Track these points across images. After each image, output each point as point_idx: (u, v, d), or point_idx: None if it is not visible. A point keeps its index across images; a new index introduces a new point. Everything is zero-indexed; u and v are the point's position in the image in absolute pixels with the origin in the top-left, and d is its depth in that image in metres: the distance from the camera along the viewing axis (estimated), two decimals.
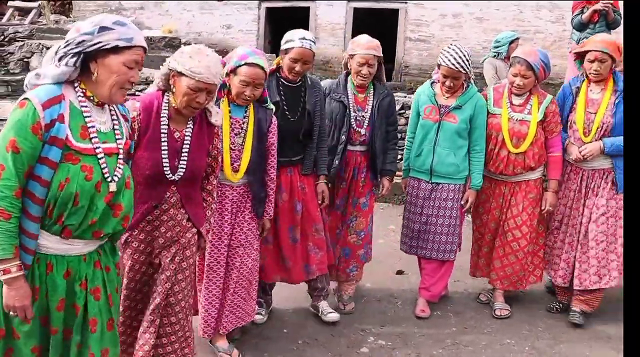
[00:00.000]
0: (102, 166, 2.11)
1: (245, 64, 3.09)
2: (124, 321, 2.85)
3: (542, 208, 4.11)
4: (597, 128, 3.91)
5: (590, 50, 3.91)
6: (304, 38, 3.51)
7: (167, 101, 2.73)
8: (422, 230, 4.16)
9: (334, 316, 3.94)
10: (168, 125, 2.72)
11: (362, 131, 3.97)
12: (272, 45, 11.67)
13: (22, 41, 9.14)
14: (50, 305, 2.15)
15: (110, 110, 2.23)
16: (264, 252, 3.64)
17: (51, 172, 2.02)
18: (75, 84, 2.11)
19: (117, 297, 2.38)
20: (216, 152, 2.91)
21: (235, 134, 3.21)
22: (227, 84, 3.18)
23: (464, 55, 3.88)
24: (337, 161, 3.94)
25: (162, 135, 2.69)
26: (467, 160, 4.10)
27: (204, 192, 2.95)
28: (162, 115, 2.71)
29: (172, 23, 11.49)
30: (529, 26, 10.46)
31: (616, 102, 3.90)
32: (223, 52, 11.44)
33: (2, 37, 9.86)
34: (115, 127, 2.22)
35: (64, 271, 2.15)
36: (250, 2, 11.60)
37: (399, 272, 4.91)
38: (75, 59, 2.04)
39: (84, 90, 2.12)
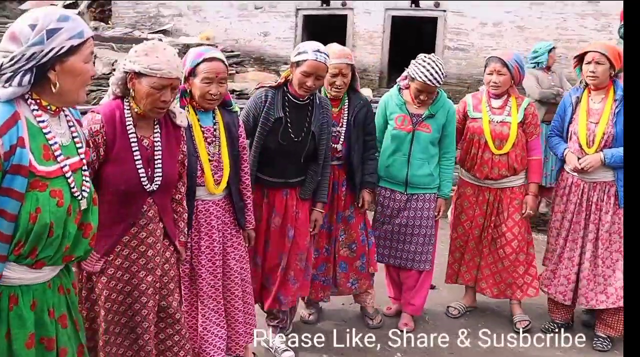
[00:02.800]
0: (72, 186, 1.88)
1: (204, 60, 2.84)
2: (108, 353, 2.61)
3: (522, 212, 4.05)
4: (600, 139, 3.78)
5: (588, 52, 3.80)
6: (318, 51, 3.24)
7: (128, 107, 2.48)
8: (399, 240, 4.04)
9: (288, 355, 3.62)
10: (135, 133, 2.49)
11: (339, 147, 3.73)
12: None
13: None
14: (15, 345, 1.85)
15: (66, 116, 1.98)
16: (252, 276, 3.41)
17: (17, 205, 1.75)
18: (27, 97, 1.82)
19: (81, 319, 2.16)
20: (182, 156, 2.69)
21: (209, 143, 2.98)
22: (187, 90, 2.93)
23: (440, 69, 3.72)
24: None
25: (133, 144, 2.46)
26: (439, 169, 4.03)
27: (173, 202, 2.74)
28: (127, 123, 2.46)
29: (209, 30, 11.52)
30: (572, 35, 10.17)
31: (616, 111, 3.77)
32: (260, 59, 11.54)
33: None
34: (74, 135, 1.98)
35: (30, 302, 1.88)
36: (287, 9, 11.58)
37: (431, 287, 4.74)
38: (29, 76, 1.76)
39: (37, 101, 1.84)
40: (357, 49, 11.27)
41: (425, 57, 3.79)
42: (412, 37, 11.53)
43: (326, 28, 11.49)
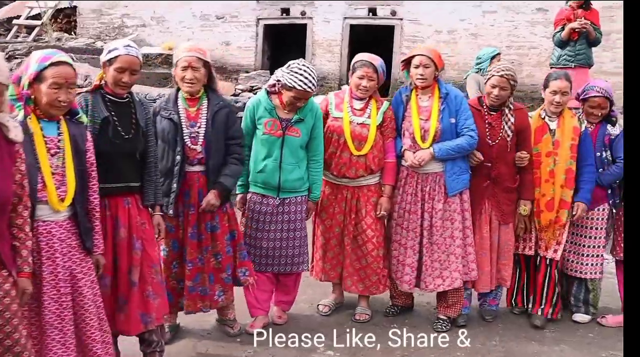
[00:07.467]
0: None
1: (51, 64, 2.65)
2: None
3: (377, 213, 4.17)
4: (434, 134, 4.06)
5: (415, 56, 4.06)
6: (128, 45, 3.19)
7: None
8: (275, 247, 4.05)
9: None
10: None
11: (198, 148, 3.67)
12: (271, 61, 11.82)
13: (20, 59, 9.34)
14: None
15: None
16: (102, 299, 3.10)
17: None
18: None
19: None
20: (20, 176, 2.43)
21: (52, 155, 2.73)
22: (31, 97, 2.69)
23: (315, 75, 3.86)
24: (175, 185, 3.63)
25: None
26: (307, 172, 4.08)
27: (14, 227, 2.46)
28: None
29: (172, 40, 11.68)
30: (523, 42, 10.49)
31: (442, 108, 4.07)
32: (222, 68, 11.66)
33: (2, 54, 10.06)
34: None
35: None
36: (248, 19, 11.78)
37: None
38: None
39: None
40: (317, 57, 11.50)
41: (298, 65, 3.85)
42: (370, 45, 11.76)
43: (286, 37, 11.73)
